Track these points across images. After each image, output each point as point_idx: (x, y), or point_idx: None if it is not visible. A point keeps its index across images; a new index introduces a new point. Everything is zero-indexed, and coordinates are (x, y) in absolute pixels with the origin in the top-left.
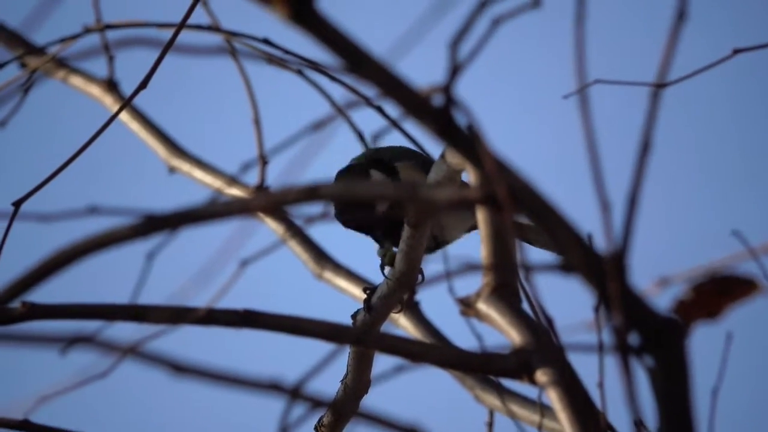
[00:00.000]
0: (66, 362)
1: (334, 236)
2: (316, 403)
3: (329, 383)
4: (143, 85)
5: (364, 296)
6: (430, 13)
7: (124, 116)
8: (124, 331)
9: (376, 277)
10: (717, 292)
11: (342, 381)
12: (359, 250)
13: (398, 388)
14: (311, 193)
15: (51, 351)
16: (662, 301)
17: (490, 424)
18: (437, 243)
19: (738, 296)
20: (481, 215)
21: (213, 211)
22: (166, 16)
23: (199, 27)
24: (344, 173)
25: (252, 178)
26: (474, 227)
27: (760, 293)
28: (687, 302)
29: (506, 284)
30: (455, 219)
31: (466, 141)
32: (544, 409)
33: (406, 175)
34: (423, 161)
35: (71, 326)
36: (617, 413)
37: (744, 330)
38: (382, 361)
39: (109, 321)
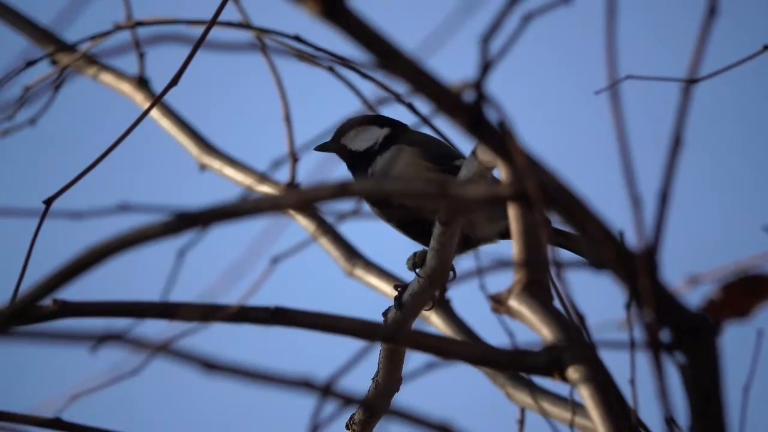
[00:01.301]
0: (97, 360)
1: (365, 233)
2: (347, 400)
3: (361, 381)
4: (174, 82)
5: (395, 293)
6: (461, 10)
7: (155, 113)
8: (155, 328)
9: (407, 274)
10: (747, 292)
11: (373, 378)
12: (390, 248)
13: (430, 386)
14: (342, 190)
15: (82, 349)
16: (693, 299)
17: (522, 422)
18: (470, 242)
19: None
20: (512, 212)
21: (244, 208)
22: (197, 13)
23: (229, 24)
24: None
25: (283, 175)
26: (507, 233)
27: None
28: (717, 302)
29: (538, 281)
30: (486, 217)
31: (497, 137)
32: (576, 407)
33: (403, 158)
34: (438, 155)
35: (102, 324)
36: (649, 410)
37: None
38: (414, 359)
39: (139, 318)
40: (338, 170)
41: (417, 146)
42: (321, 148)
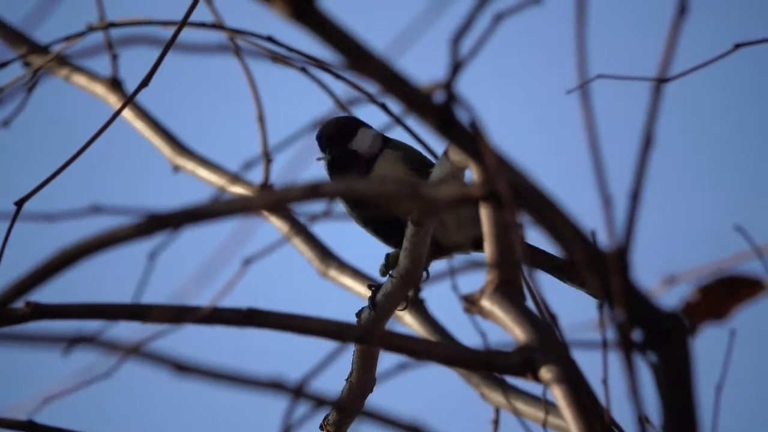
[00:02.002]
0: (69, 362)
1: (340, 234)
2: (319, 401)
3: (335, 381)
4: (145, 83)
5: (369, 294)
6: (431, 10)
7: (128, 115)
8: (127, 330)
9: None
10: (724, 293)
11: (347, 379)
12: (364, 249)
13: (404, 386)
14: (313, 191)
15: (54, 351)
16: (667, 299)
17: (496, 422)
18: (442, 250)
19: (745, 297)
20: (484, 213)
21: (215, 209)
22: (171, 14)
23: (202, 25)
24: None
25: (257, 176)
26: (480, 242)
27: (767, 293)
28: (694, 303)
29: (510, 281)
30: (457, 221)
31: (468, 138)
32: (549, 407)
33: (384, 163)
34: (418, 163)
35: (74, 326)
36: (621, 410)
37: (747, 326)
38: (388, 359)
39: (111, 321)
40: (311, 170)
41: (398, 151)
42: (333, 158)
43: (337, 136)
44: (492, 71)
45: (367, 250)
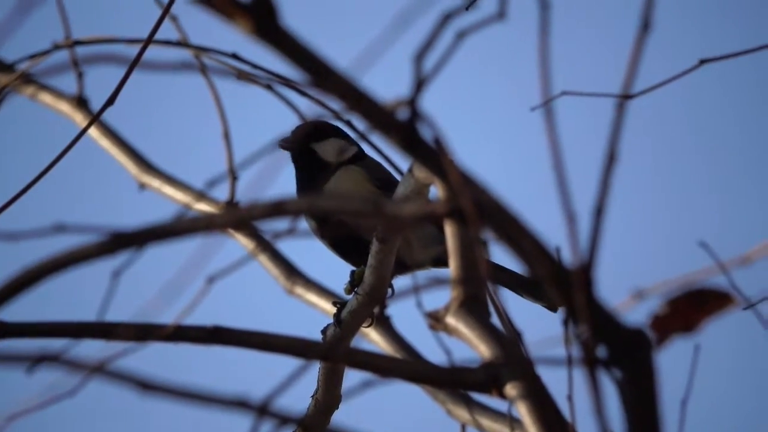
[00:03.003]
0: (33, 381)
1: (305, 251)
2: (284, 419)
3: (300, 399)
4: (111, 101)
5: (335, 310)
6: (394, 27)
7: (94, 133)
8: (92, 349)
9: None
10: (693, 306)
11: (312, 396)
12: (330, 266)
13: (370, 403)
14: (277, 208)
15: (18, 370)
16: (635, 313)
17: None
18: (405, 266)
19: (713, 310)
20: (448, 229)
21: (179, 227)
22: (136, 32)
23: (167, 42)
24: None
25: (223, 193)
26: (442, 259)
27: (735, 307)
28: (663, 316)
29: (475, 298)
30: (422, 238)
31: (432, 155)
32: (514, 423)
33: (349, 178)
34: (384, 181)
35: (38, 345)
36: (587, 426)
37: (711, 341)
38: (353, 376)
39: (76, 339)
40: (277, 187)
41: (364, 168)
42: (284, 145)
43: (306, 133)
44: (455, 88)
45: (332, 267)
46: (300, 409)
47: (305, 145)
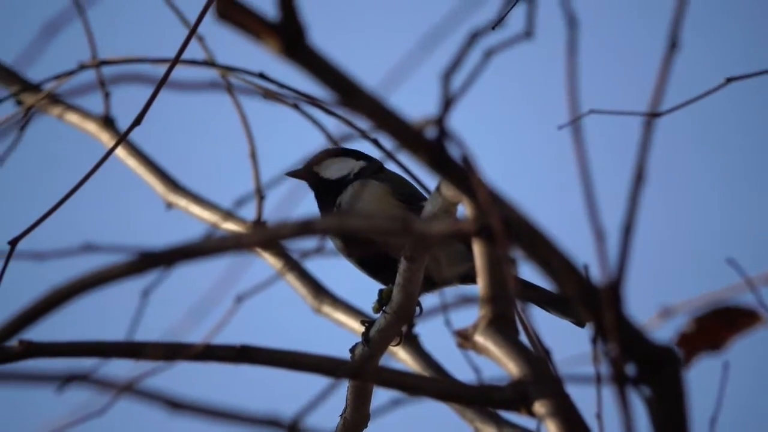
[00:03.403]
0: (63, 400)
1: (332, 270)
2: None
3: (329, 418)
4: (138, 121)
5: (363, 329)
6: (422, 46)
7: (121, 153)
8: (121, 368)
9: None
10: (719, 324)
11: (341, 415)
12: (357, 284)
13: (398, 422)
14: (305, 227)
15: (48, 389)
16: (662, 331)
17: None
18: (433, 284)
19: (740, 328)
20: (476, 247)
21: (207, 247)
22: (162, 52)
23: (194, 62)
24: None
25: (249, 212)
26: (470, 275)
27: (762, 324)
28: (690, 335)
29: (503, 316)
30: (450, 256)
31: (460, 173)
32: None
33: (372, 194)
34: (407, 194)
35: (68, 364)
36: None
37: (741, 358)
38: (381, 395)
39: (105, 358)
40: (304, 206)
41: (387, 183)
42: (292, 173)
43: (311, 161)
44: (483, 107)
45: (360, 286)
46: (329, 428)
47: (309, 171)
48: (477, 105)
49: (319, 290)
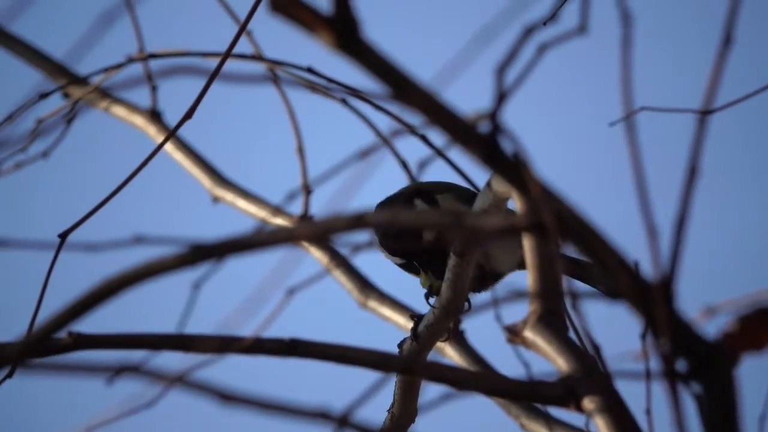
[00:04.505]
0: (113, 392)
1: (378, 265)
2: (363, 431)
3: (377, 412)
4: (189, 115)
5: (410, 325)
6: (476, 40)
7: (169, 146)
8: (171, 360)
9: (420, 306)
10: (763, 324)
11: (389, 410)
12: (403, 279)
13: (445, 417)
14: (357, 221)
15: (98, 381)
16: (709, 329)
17: None
18: (488, 278)
19: None
20: (527, 243)
21: (259, 240)
22: (209, 45)
23: (242, 56)
24: (386, 203)
25: (296, 207)
26: (523, 263)
27: None
28: (733, 334)
29: (553, 312)
30: (503, 250)
31: (513, 168)
32: None
33: (446, 206)
34: (465, 194)
35: (118, 356)
36: None
37: None
38: (429, 390)
39: (155, 351)
40: (351, 202)
41: (449, 192)
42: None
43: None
44: (536, 102)
45: (406, 281)
46: (377, 423)
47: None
48: (530, 100)
49: (365, 285)
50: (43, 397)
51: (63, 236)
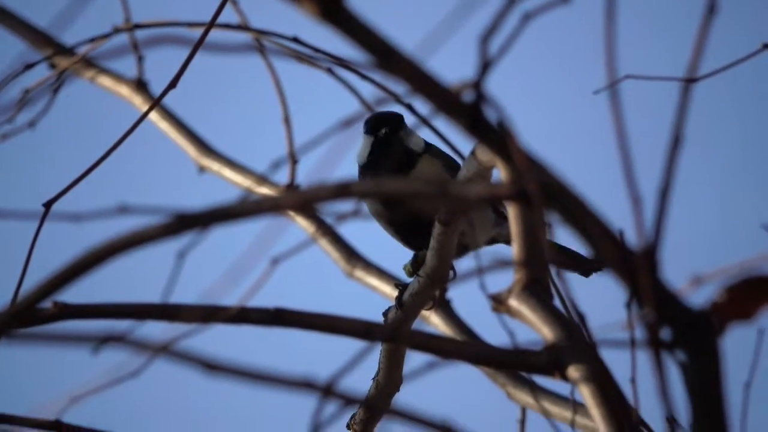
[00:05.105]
0: (98, 361)
1: (365, 234)
2: (348, 400)
3: (361, 380)
4: (173, 84)
5: (396, 293)
6: (460, 9)
7: (154, 116)
8: (156, 330)
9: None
10: (750, 294)
11: (374, 378)
12: (390, 249)
13: (430, 385)
14: (342, 190)
15: (83, 350)
16: (695, 298)
17: (523, 421)
18: (464, 247)
19: None
20: (511, 212)
21: (244, 209)
22: (195, 15)
23: (228, 26)
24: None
25: (282, 176)
26: (496, 239)
27: None
28: (721, 304)
29: (538, 280)
30: (483, 219)
31: (497, 137)
32: (577, 406)
33: (426, 167)
34: (449, 164)
35: (103, 326)
36: (650, 409)
37: None
38: (414, 359)
39: (140, 320)
40: (336, 171)
41: (440, 159)
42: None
43: (390, 122)
44: (520, 71)
45: (392, 250)
46: (362, 391)
47: (395, 134)
48: (514, 69)
49: (351, 255)
50: (28, 367)
51: (47, 205)
